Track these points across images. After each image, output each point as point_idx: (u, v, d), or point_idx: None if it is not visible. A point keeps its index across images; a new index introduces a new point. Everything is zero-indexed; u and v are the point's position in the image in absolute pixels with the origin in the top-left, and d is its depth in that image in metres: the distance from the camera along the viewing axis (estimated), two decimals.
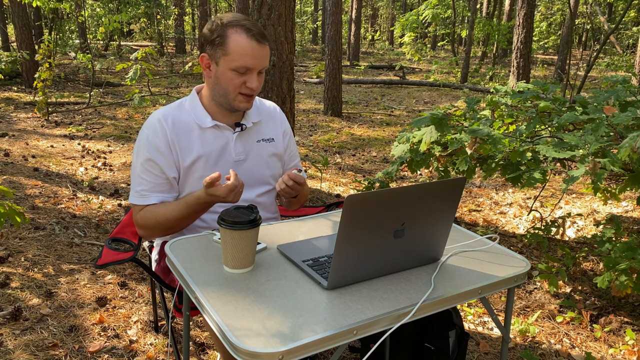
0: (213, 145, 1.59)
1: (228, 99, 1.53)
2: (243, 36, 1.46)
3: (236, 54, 1.46)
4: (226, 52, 1.47)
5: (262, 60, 1.50)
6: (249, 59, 1.47)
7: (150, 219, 1.53)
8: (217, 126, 1.59)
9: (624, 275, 2.08)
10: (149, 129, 1.55)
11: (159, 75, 11.50)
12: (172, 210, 1.51)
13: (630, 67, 12.19)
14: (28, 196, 3.71)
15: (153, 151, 1.53)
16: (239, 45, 1.46)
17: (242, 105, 1.55)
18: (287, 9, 3.42)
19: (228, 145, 1.61)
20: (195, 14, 21.45)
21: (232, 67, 1.48)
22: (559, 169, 4.74)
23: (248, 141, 1.65)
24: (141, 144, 1.56)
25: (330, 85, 7.55)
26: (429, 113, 2.40)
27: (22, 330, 2.13)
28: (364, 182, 3.01)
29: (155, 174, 1.54)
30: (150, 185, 1.54)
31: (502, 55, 18.56)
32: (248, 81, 1.50)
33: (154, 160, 1.53)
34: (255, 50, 1.47)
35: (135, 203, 1.56)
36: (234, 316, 1.05)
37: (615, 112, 2.08)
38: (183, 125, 1.57)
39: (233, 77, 1.49)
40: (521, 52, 8.69)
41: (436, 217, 1.24)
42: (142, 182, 1.55)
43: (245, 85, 1.50)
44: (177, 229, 1.56)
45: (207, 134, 1.58)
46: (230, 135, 1.61)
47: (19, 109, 7.13)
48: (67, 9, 10.83)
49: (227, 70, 1.49)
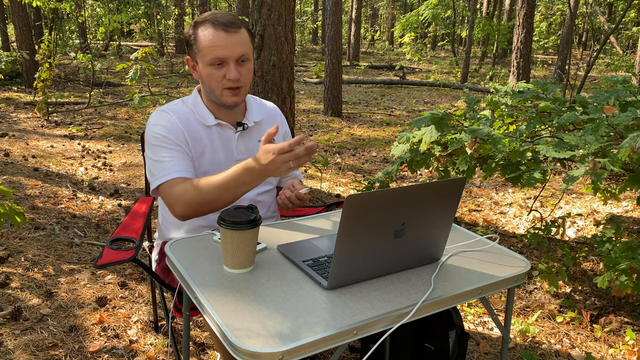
0: (217, 143, 1.59)
1: (216, 96, 1.53)
2: (209, 29, 1.46)
3: (206, 48, 1.47)
4: (199, 49, 1.48)
5: (234, 48, 1.47)
6: (219, 50, 1.46)
7: (188, 190, 1.42)
8: (219, 125, 1.59)
9: (624, 275, 2.08)
10: (157, 118, 1.54)
11: (159, 75, 11.50)
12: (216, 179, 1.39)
13: (630, 67, 12.19)
14: (28, 196, 3.71)
15: (169, 133, 1.50)
16: (206, 39, 1.46)
17: (230, 100, 1.52)
18: (287, 9, 3.42)
19: (230, 143, 1.61)
20: (196, 14, 21.45)
21: (207, 62, 1.48)
22: (559, 169, 4.75)
23: (250, 140, 1.65)
24: (152, 132, 1.52)
25: (330, 85, 7.55)
26: (429, 113, 2.40)
27: (22, 330, 2.13)
28: (364, 182, 3.01)
29: (176, 150, 1.50)
30: (175, 163, 1.48)
31: (502, 55, 18.56)
32: (227, 73, 1.48)
33: (172, 140, 1.50)
34: (223, 40, 1.46)
35: (162, 182, 1.46)
36: (234, 316, 1.05)
37: (615, 112, 2.08)
38: (188, 119, 1.57)
39: (212, 72, 1.49)
40: (521, 52, 8.69)
41: (436, 217, 1.24)
42: (163, 161, 1.48)
43: (226, 77, 1.49)
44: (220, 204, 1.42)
45: (212, 131, 1.58)
46: (233, 134, 1.61)
47: (19, 109, 7.13)
48: (67, 9, 10.83)
49: (205, 67, 1.49)
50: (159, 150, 1.50)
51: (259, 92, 3.48)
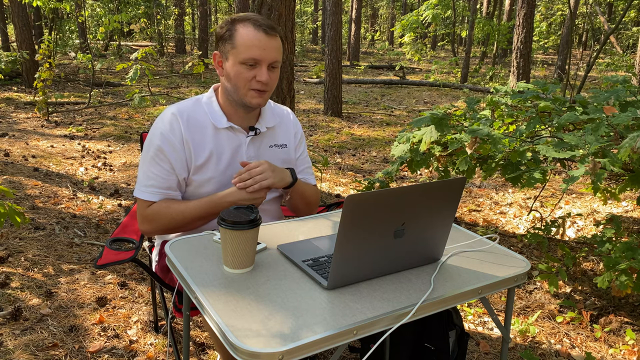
0: (225, 147, 1.57)
1: (239, 95, 1.51)
2: (250, 28, 1.46)
3: (243, 46, 1.45)
4: (234, 46, 1.47)
5: (270, 52, 1.47)
6: (256, 50, 1.45)
7: (164, 215, 1.50)
8: (231, 128, 1.57)
9: (624, 275, 2.08)
10: (163, 123, 1.53)
11: (159, 75, 11.50)
12: (191, 208, 1.50)
13: (630, 67, 12.19)
14: (28, 196, 3.71)
15: (166, 145, 1.51)
16: (246, 37, 1.45)
17: (254, 101, 1.51)
18: (287, 9, 3.42)
19: (241, 148, 1.59)
20: (195, 14, 21.44)
21: (240, 60, 1.46)
22: (559, 169, 4.74)
23: (261, 146, 1.63)
24: (154, 137, 1.53)
25: (330, 85, 7.55)
26: (429, 113, 2.40)
27: (22, 330, 2.13)
28: (364, 182, 3.01)
29: (165, 169, 1.52)
30: (160, 181, 1.52)
31: (502, 55, 18.56)
32: (258, 75, 1.47)
33: (166, 155, 1.51)
34: (262, 42, 1.45)
35: (142, 198, 1.53)
36: (234, 316, 1.05)
37: (615, 112, 2.08)
38: (198, 122, 1.55)
39: (242, 71, 1.47)
40: (521, 52, 8.69)
41: (436, 217, 1.24)
42: (151, 177, 1.52)
43: (255, 79, 1.48)
44: (188, 228, 1.54)
45: (221, 135, 1.56)
46: (244, 138, 1.59)
47: (19, 109, 7.13)
48: (67, 9, 10.82)
49: (236, 64, 1.47)
50: (150, 162, 1.53)
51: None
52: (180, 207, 1.51)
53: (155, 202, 1.53)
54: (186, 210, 1.50)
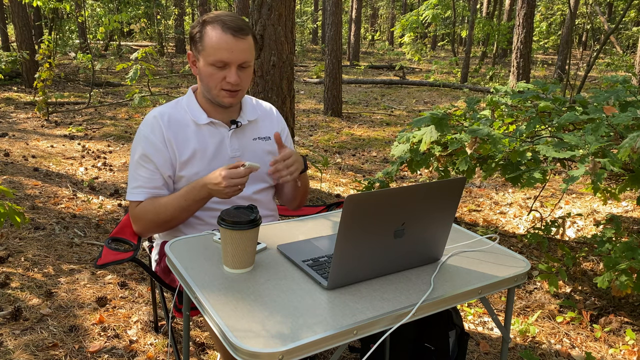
0: (209, 142, 1.60)
1: (212, 95, 1.55)
2: (218, 30, 1.47)
3: (211, 48, 1.48)
4: (204, 47, 1.49)
5: (238, 54, 1.49)
6: (224, 53, 1.47)
7: (149, 211, 1.54)
8: (212, 123, 1.61)
9: (624, 275, 2.08)
10: (146, 126, 1.58)
11: (159, 75, 11.50)
12: (171, 200, 1.53)
13: (630, 67, 12.19)
14: (28, 196, 3.71)
15: (149, 148, 1.55)
16: (214, 39, 1.47)
17: (225, 100, 1.55)
18: (287, 9, 3.41)
19: (224, 141, 1.62)
20: (195, 14, 21.45)
21: (209, 62, 1.49)
22: (559, 169, 4.74)
23: (244, 138, 1.66)
24: (138, 141, 1.58)
25: (330, 85, 7.55)
26: (429, 113, 2.40)
27: (22, 330, 2.13)
28: (364, 182, 3.01)
29: (151, 170, 1.56)
30: (146, 182, 1.56)
31: (502, 55, 18.56)
32: (227, 76, 1.50)
33: (150, 157, 1.55)
34: (230, 44, 1.47)
35: (131, 199, 1.58)
36: (234, 316, 1.05)
37: (615, 112, 2.08)
38: (179, 122, 1.59)
39: (213, 72, 1.50)
40: (521, 52, 8.69)
41: (436, 217, 1.24)
42: (138, 179, 1.57)
43: (225, 80, 1.51)
44: (175, 222, 1.57)
45: (203, 131, 1.60)
46: (226, 132, 1.62)
47: (19, 109, 7.13)
48: (67, 9, 10.82)
49: (207, 66, 1.50)
50: (136, 166, 1.58)
51: (259, 92, 3.48)
52: (163, 201, 1.55)
53: (143, 201, 1.57)
54: (168, 202, 1.53)
